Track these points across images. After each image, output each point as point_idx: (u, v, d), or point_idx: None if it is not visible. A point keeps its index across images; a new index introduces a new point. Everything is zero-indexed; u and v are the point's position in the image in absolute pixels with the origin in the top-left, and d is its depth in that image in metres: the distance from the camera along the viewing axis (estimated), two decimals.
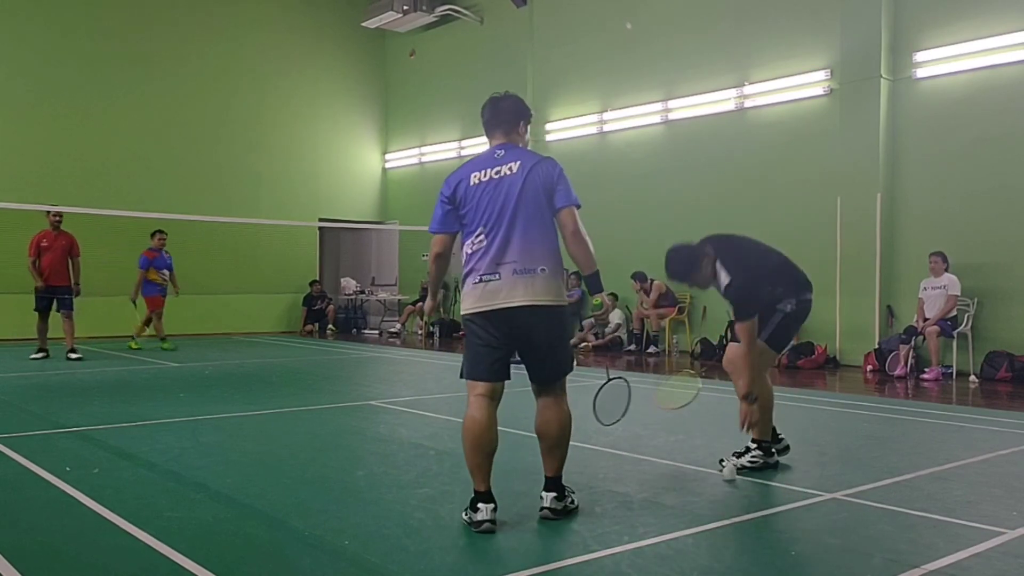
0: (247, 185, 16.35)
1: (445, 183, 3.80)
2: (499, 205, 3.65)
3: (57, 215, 10.59)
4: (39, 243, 10.45)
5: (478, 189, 3.69)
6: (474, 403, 3.79)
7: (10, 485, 4.31)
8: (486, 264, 3.64)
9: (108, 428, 5.88)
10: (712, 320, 12.07)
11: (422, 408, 6.94)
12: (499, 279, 3.61)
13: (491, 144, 3.86)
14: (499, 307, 3.61)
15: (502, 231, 3.63)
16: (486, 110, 3.89)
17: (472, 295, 3.68)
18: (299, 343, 14.27)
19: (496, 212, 3.65)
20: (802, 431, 6.22)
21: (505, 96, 3.91)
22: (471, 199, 3.70)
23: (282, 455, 5.20)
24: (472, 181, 3.71)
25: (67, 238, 10.59)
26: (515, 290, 3.60)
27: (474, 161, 3.82)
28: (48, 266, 10.40)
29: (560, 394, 3.77)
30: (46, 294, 10.47)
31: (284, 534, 3.54)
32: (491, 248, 3.64)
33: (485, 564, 3.14)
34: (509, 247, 3.62)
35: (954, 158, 10.06)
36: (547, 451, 3.74)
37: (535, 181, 3.67)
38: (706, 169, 12.29)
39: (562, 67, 14.67)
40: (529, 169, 3.68)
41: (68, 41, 14.48)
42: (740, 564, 3.14)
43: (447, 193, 3.76)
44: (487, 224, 3.66)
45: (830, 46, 11.06)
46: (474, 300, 3.67)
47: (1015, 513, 3.87)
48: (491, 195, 3.67)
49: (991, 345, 9.55)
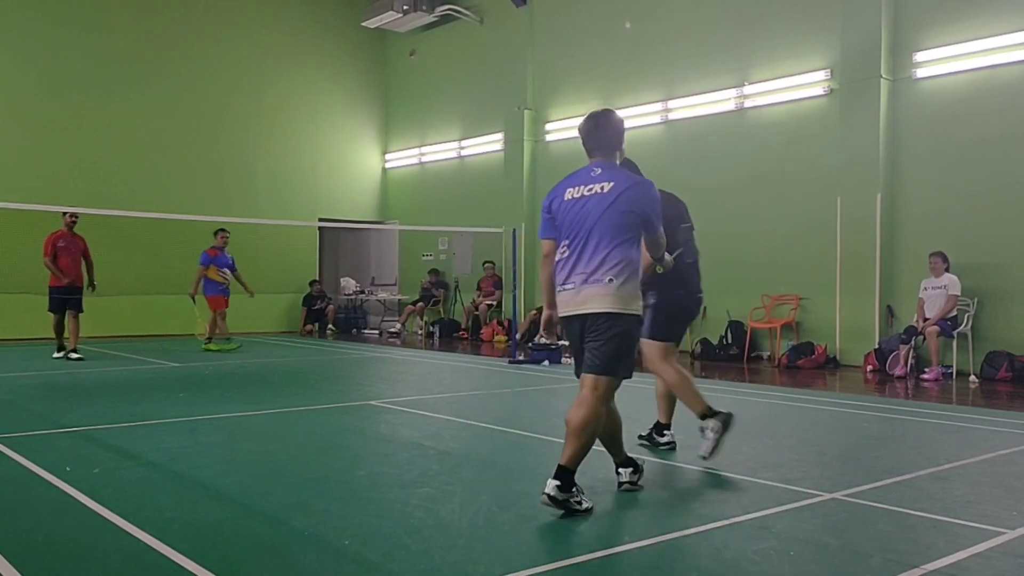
0: (247, 185, 16.36)
1: (547, 196, 4.14)
2: (583, 221, 3.93)
3: (73, 216, 10.63)
4: (55, 243, 10.50)
5: (569, 205, 4.00)
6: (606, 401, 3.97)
7: (10, 485, 4.31)
8: (566, 274, 3.96)
9: (109, 428, 5.88)
10: (712, 320, 12.07)
11: (423, 408, 6.95)
12: (574, 287, 3.92)
13: (590, 160, 4.09)
14: (575, 313, 3.93)
15: (581, 244, 3.92)
16: (587, 127, 4.10)
17: (559, 300, 4.02)
18: (299, 343, 14.27)
19: (579, 227, 3.94)
20: (802, 431, 6.22)
21: (607, 115, 4.11)
22: (563, 214, 4.02)
23: (283, 455, 5.20)
24: (566, 197, 4.03)
25: (82, 240, 10.70)
26: (586, 298, 3.88)
27: (572, 177, 4.10)
28: (65, 267, 10.47)
29: (595, 391, 3.86)
30: (62, 294, 10.47)
31: (285, 533, 3.54)
32: (571, 259, 3.95)
33: (486, 563, 3.14)
34: (585, 259, 3.91)
35: (954, 158, 10.06)
36: (566, 438, 3.81)
37: (625, 203, 3.91)
38: (706, 169, 12.29)
39: (562, 67, 14.68)
40: (622, 191, 3.92)
41: (66, 41, 14.48)
42: (740, 564, 3.14)
43: (546, 205, 4.12)
44: (571, 237, 3.97)
45: (830, 46, 11.06)
46: (561, 305, 4.01)
47: (1015, 513, 3.87)
48: (577, 212, 3.96)
49: (991, 345, 9.55)
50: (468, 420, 6.33)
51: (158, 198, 14.55)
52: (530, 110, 15.17)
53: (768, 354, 11.54)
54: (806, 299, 11.32)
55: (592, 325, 3.87)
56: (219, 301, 12.01)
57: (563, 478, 3.71)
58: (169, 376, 9.25)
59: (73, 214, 10.67)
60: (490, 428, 6.08)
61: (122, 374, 9.36)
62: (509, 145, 15.45)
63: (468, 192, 16.49)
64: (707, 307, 12.19)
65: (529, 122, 15.15)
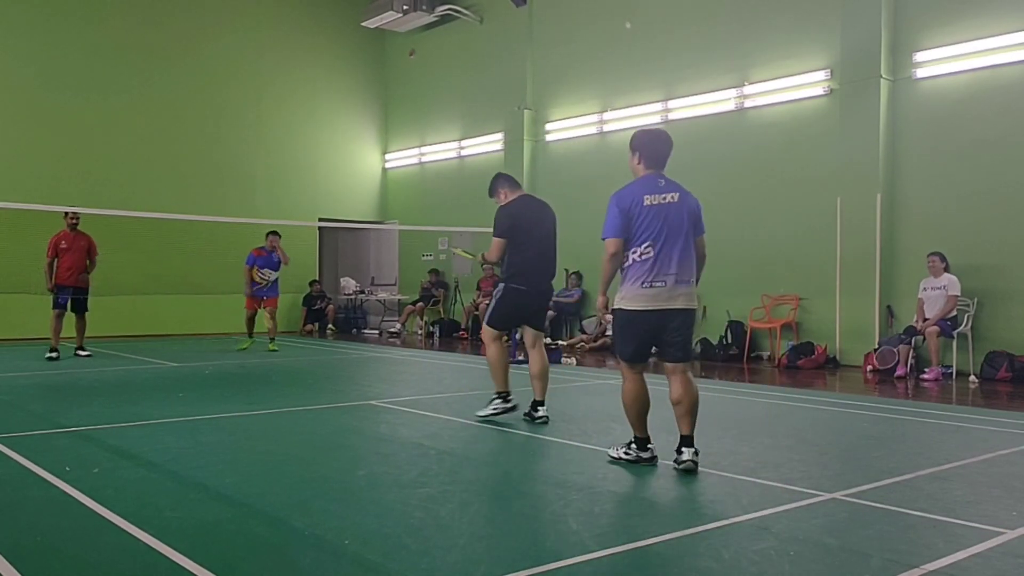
0: (246, 185, 16.36)
1: (619, 199, 4.64)
2: (666, 225, 4.54)
3: (74, 216, 10.66)
4: (57, 244, 10.57)
5: (650, 210, 4.56)
6: (635, 378, 4.71)
7: (10, 485, 4.30)
8: (654, 273, 4.52)
9: (108, 428, 5.88)
10: (712, 320, 12.08)
11: (422, 408, 6.94)
12: (666, 286, 4.52)
13: (648, 172, 4.72)
14: (664, 308, 4.53)
15: (667, 247, 4.52)
16: (652, 141, 4.76)
17: (642, 296, 4.54)
18: (299, 343, 14.27)
19: (663, 230, 4.53)
20: (802, 431, 6.22)
21: (666, 134, 4.80)
22: (643, 217, 4.54)
23: (282, 455, 5.20)
24: (645, 202, 4.57)
25: (85, 239, 10.74)
26: (677, 295, 4.54)
27: (641, 184, 4.66)
28: (68, 267, 10.53)
29: (689, 372, 4.69)
30: (66, 293, 10.56)
31: (285, 533, 3.54)
32: (658, 259, 4.52)
33: (485, 563, 3.14)
34: (673, 260, 4.53)
35: (954, 158, 10.06)
36: (683, 415, 4.61)
37: (688, 210, 4.64)
38: (706, 169, 12.27)
39: (562, 67, 14.68)
40: (683, 200, 4.65)
41: (65, 41, 14.47)
42: (739, 564, 3.14)
43: (624, 207, 4.59)
44: (653, 239, 4.53)
45: (830, 46, 11.06)
46: (645, 301, 4.53)
47: (1015, 513, 3.87)
48: (659, 217, 4.55)
49: (991, 345, 9.55)
50: (468, 420, 6.32)
51: (157, 198, 14.54)
52: (530, 110, 15.17)
53: (768, 354, 11.53)
54: (806, 299, 11.32)
55: (678, 319, 4.56)
56: (249, 301, 12.10)
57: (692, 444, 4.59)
58: (168, 376, 9.24)
59: (75, 215, 10.69)
60: (490, 428, 6.07)
61: (121, 374, 9.36)
62: (509, 145, 15.45)
63: (468, 192, 16.49)
64: (707, 307, 12.27)
65: (529, 122, 15.15)
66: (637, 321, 4.59)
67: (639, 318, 4.57)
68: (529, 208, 6.14)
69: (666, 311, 4.54)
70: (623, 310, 4.63)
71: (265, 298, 12.07)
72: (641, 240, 4.54)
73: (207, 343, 13.55)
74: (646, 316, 4.55)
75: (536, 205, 6.25)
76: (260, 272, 12.00)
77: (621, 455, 4.81)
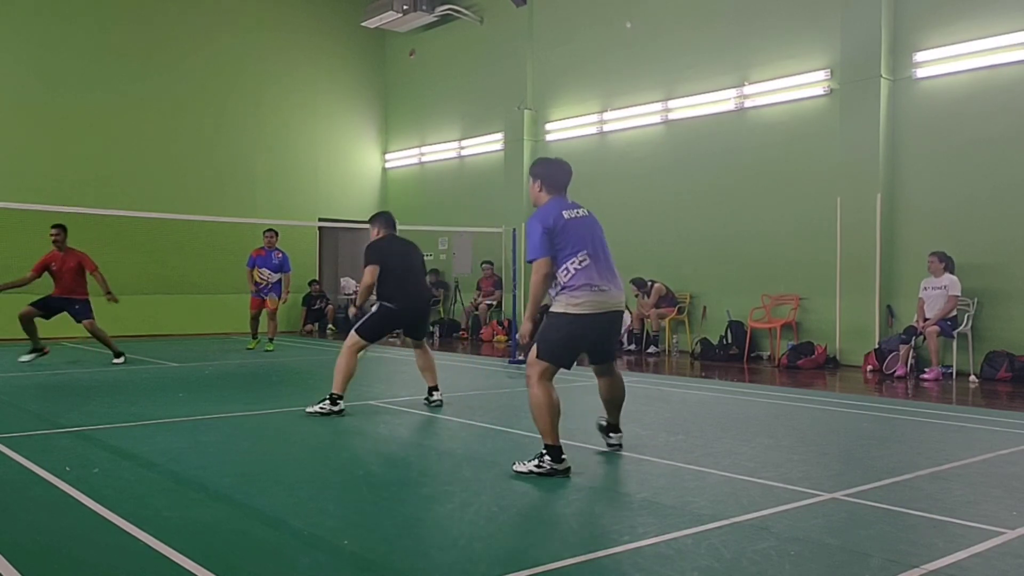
0: (246, 185, 16.34)
1: (541, 218, 4.65)
2: (591, 236, 4.70)
3: (57, 233, 9.84)
4: (47, 267, 9.92)
5: (572, 223, 4.67)
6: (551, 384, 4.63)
7: (10, 485, 4.30)
8: (600, 277, 4.62)
9: (108, 428, 5.88)
10: (712, 320, 12.07)
11: (422, 408, 6.95)
12: (610, 290, 4.65)
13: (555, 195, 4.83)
14: (610, 310, 4.66)
15: (601, 253, 4.70)
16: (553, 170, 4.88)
17: (590, 301, 4.56)
18: (299, 343, 14.26)
19: (590, 241, 4.67)
20: (802, 431, 6.22)
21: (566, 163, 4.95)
22: (569, 230, 4.62)
23: (282, 455, 5.20)
24: (566, 216, 4.66)
25: (75, 257, 9.99)
26: (618, 298, 4.73)
27: (555, 204, 4.75)
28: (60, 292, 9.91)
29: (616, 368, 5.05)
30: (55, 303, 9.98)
31: (284, 533, 3.54)
32: (593, 266, 4.61)
33: (485, 563, 3.14)
34: (609, 266, 4.72)
35: (954, 158, 10.06)
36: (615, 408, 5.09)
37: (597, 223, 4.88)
38: (706, 169, 12.29)
39: (562, 67, 14.68)
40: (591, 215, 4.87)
41: (64, 41, 14.47)
42: (740, 564, 3.13)
43: (547, 225, 4.60)
44: (590, 247, 4.65)
45: (830, 46, 11.06)
46: (593, 305, 4.57)
47: (1015, 513, 3.87)
48: (585, 226, 4.71)
49: (991, 345, 9.55)
50: (468, 420, 6.33)
51: (156, 198, 14.53)
52: (530, 110, 15.16)
53: (768, 354, 11.53)
54: (806, 299, 11.31)
55: (618, 320, 4.78)
56: (253, 301, 12.12)
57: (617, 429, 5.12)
58: (168, 376, 9.24)
59: (57, 232, 9.85)
60: (490, 428, 6.08)
61: (121, 374, 9.35)
62: (509, 145, 15.44)
63: (468, 192, 16.49)
64: (707, 307, 12.27)
65: (529, 122, 15.14)
66: (583, 325, 4.56)
67: (585, 322, 4.56)
68: (394, 244, 7.13)
69: (611, 313, 4.67)
70: (569, 315, 4.55)
71: (267, 298, 12.09)
72: (575, 251, 4.59)
73: (207, 343, 13.54)
74: (594, 319, 4.57)
75: (400, 242, 7.22)
76: (260, 272, 12.04)
77: (532, 469, 4.44)
